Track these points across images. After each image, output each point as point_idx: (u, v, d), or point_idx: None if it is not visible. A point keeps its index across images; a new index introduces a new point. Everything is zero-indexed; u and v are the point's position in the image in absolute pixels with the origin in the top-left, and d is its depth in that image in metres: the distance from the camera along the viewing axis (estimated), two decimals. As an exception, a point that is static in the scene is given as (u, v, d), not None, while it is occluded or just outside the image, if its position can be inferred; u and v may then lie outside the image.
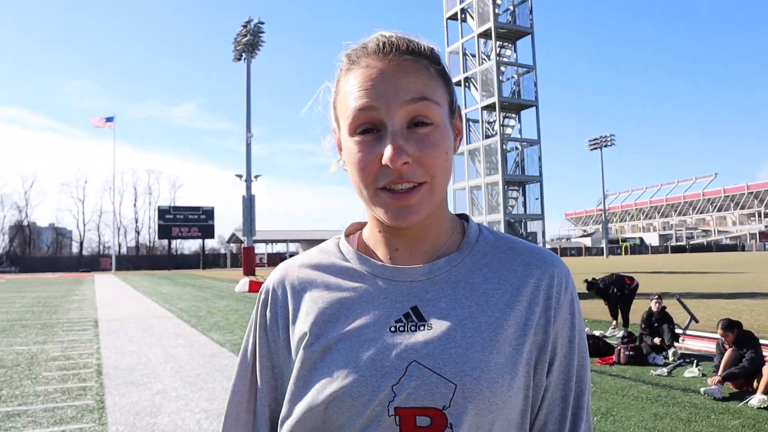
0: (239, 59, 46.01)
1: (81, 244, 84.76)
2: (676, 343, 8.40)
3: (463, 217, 0.99)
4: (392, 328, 0.84)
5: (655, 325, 8.54)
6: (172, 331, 12.17)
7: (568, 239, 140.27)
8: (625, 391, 6.50)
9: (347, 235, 1.00)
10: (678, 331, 8.87)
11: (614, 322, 10.92)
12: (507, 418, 0.81)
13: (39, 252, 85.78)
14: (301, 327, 0.89)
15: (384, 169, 0.81)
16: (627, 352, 8.08)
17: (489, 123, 22.19)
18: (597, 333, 10.10)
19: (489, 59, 21.68)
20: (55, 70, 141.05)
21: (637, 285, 10.93)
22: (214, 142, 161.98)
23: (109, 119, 61.56)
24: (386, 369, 0.81)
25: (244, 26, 44.33)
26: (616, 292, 10.80)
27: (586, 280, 11.12)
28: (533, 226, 21.88)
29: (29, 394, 6.65)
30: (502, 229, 20.33)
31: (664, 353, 8.11)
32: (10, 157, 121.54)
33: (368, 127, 0.83)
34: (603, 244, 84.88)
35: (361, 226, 1.01)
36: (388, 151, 0.80)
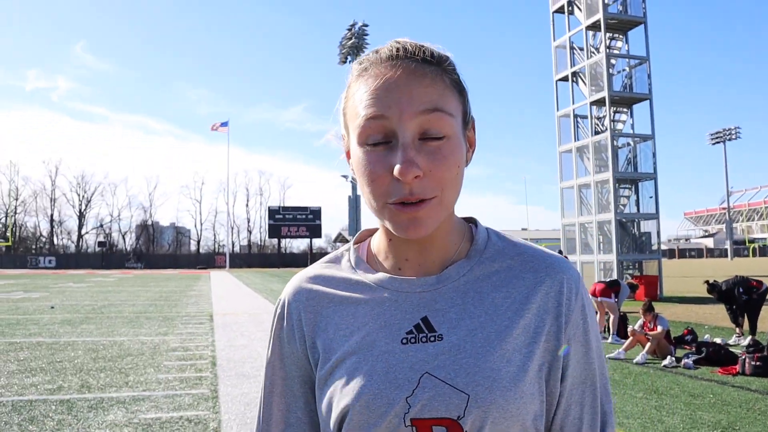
0: (344, 62, 47.08)
1: (198, 242, 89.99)
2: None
3: (472, 221, 0.98)
4: (404, 340, 0.85)
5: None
6: (281, 326, 12.63)
7: (687, 240, 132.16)
8: (750, 405, 6.04)
9: (358, 242, 1.00)
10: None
11: (737, 330, 10.17)
12: (522, 425, 0.81)
13: (161, 249, 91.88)
14: (315, 340, 0.91)
15: (395, 183, 0.80)
16: (753, 363, 7.51)
17: (598, 119, 21.22)
18: (717, 340, 9.44)
19: (598, 52, 20.74)
20: (175, 79, 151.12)
21: (767, 289, 10.09)
22: (321, 143, 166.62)
23: (224, 124, 64.89)
24: (399, 381, 0.82)
25: (349, 29, 45.31)
26: (742, 293, 10.02)
27: (707, 282, 10.46)
28: (647, 226, 20.73)
29: (152, 381, 7.15)
30: (613, 229, 19.45)
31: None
32: (137, 161, 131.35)
33: (379, 139, 0.81)
34: (727, 246, 79.16)
35: (371, 233, 1.01)
36: (399, 164, 0.78)
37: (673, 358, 8.29)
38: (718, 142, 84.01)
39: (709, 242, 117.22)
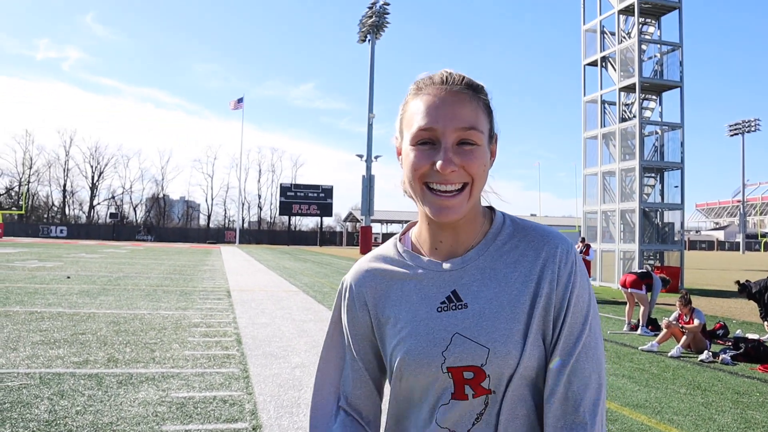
0: (364, 40, 46.52)
1: (209, 217, 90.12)
2: None
3: (492, 209, 1.22)
4: (439, 309, 1.12)
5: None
6: (301, 305, 12.48)
7: (697, 231, 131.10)
8: (798, 406, 5.79)
9: (403, 234, 1.27)
10: None
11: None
12: (525, 372, 1.07)
13: (171, 223, 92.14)
14: (376, 309, 1.19)
15: (434, 172, 1.06)
16: (795, 361, 7.25)
17: (626, 105, 20.65)
18: (754, 336, 9.17)
19: (630, 37, 20.19)
20: (186, 53, 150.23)
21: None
22: (330, 121, 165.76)
23: (240, 100, 64.50)
24: (437, 340, 1.09)
25: (370, 8, 44.67)
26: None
27: (738, 282, 10.16)
28: (670, 216, 20.34)
29: (179, 357, 6.98)
30: (636, 218, 19.06)
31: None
32: (150, 134, 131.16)
33: (426, 141, 1.07)
34: (738, 239, 78.48)
35: (414, 224, 1.26)
36: (440, 161, 1.04)
37: (710, 353, 8.05)
38: (736, 134, 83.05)
39: (720, 235, 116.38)
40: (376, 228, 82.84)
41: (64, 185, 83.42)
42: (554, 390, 1.07)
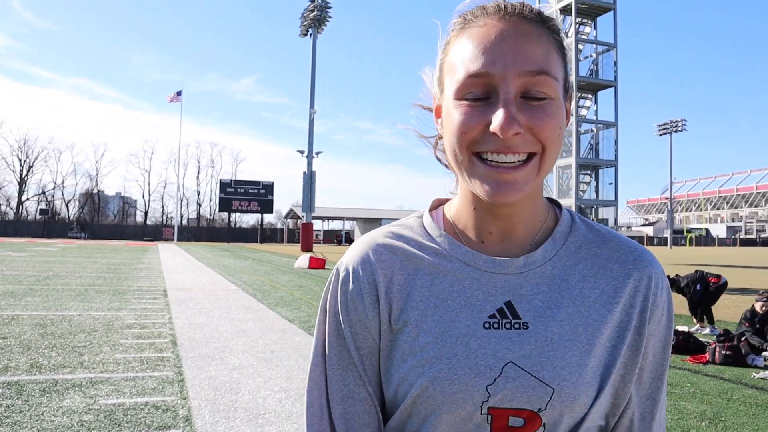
0: (305, 34, 46.07)
1: (146, 213, 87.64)
2: (780, 346, 7.78)
3: (554, 202, 0.93)
4: (486, 324, 0.81)
5: (758, 326, 7.95)
6: (240, 304, 12.19)
7: (629, 227, 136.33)
8: (728, 395, 6.02)
9: (432, 210, 0.94)
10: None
11: (695, 320, 10.34)
12: (594, 418, 0.81)
13: (106, 220, 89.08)
14: (390, 306, 0.85)
15: (489, 135, 0.75)
16: (723, 352, 7.54)
17: (563, 103, 21.26)
18: (684, 329, 9.52)
19: (567, 36, 20.71)
20: (122, 43, 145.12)
21: (725, 283, 10.25)
22: (272, 117, 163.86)
23: (179, 93, 62.81)
24: (481, 368, 0.79)
25: (312, 1, 44.24)
26: (699, 290, 10.19)
27: (668, 276, 10.57)
28: (605, 213, 21.03)
29: (110, 361, 6.63)
30: (573, 214, 19.64)
31: (765, 355, 7.54)
32: (84, 127, 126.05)
33: (478, 95, 0.76)
34: (666, 234, 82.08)
35: (442, 202, 0.95)
36: (499, 117, 0.73)
37: (644, 346, 8.28)
38: (664, 133, 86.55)
39: (650, 230, 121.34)
40: (317, 225, 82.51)
41: (-11, 180, 79.26)
42: None
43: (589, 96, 21.40)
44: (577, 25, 20.68)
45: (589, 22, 21.44)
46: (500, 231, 0.85)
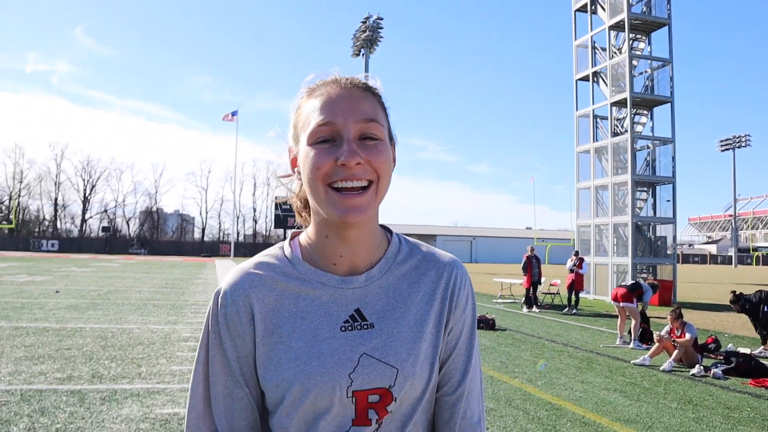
0: (358, 54, 46.69)
1: (203, 230, 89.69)
2: None
3: (386, 228, 1.17)
4: (342, 328, 1.04)
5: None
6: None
7: (690, 245, 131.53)
8: (792, 421, 5.74)
9: (291, 241, 1.15)
10: None
11: (764, 345, 9.84)
12: (432, 390, 1.08)
13: (165, 236, 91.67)
14: (264, 321, 1.04)
15: (337, 168, 0.98)
16: (788, 376, 7.22)
17: (618, 120, 20.77)
18: (746, 351, 9.14)
19: (620, 53, 20.32)
20: (177, 65, 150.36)
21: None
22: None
23: (234, 113, 64.48)
24: (343, 361, 1.01)
25: (363, 22, 44.91)
26: (766, 311, 9.72)
27: (733, 292, 10.14)
28: (663, 230, 20.38)
29: (166, 373, 6.88)
30: (629, 232, 19.09)
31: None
32: (142, 147, 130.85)
33: (326, 138, 0.99)
34: (731, 253, 78.78)
35: (297, 234, 1.17)
36: (345, 152, 0.97)
37: (702, 367, 8.01)
38: (727, 149, 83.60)
39: (713, 249, 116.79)
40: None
41: (56, 199, 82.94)
42: (455, 408, 1.10)
43: (645, 112, 20.88)
44: (631, 41, 20.30)
45: (644, 37, 20.97)
46: (348, 253, 1.07)
